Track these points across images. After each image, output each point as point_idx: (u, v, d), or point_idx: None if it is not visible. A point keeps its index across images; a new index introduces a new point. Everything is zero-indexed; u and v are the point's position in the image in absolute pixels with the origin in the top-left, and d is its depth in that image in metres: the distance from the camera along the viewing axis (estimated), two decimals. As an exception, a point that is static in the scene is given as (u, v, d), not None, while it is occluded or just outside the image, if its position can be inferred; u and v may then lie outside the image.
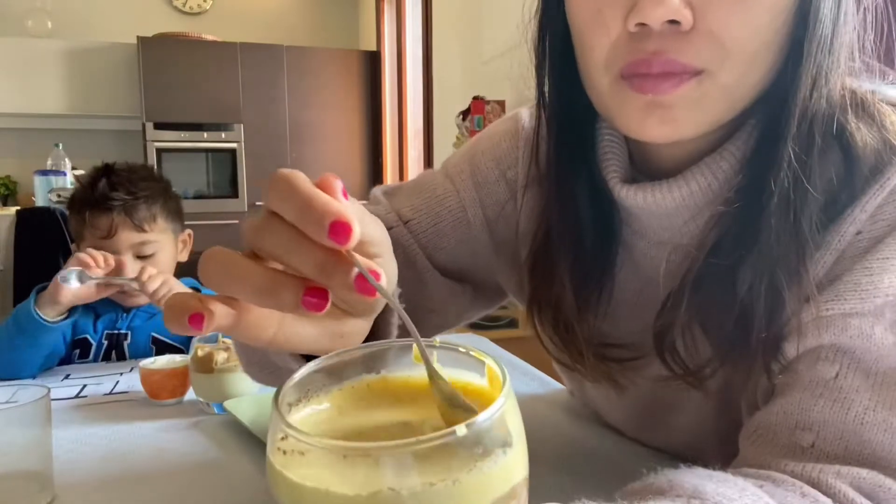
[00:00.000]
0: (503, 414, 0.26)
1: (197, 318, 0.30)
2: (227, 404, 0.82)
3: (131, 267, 1.17)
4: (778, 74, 0.48)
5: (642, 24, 0.44)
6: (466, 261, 0.69)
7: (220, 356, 0.85)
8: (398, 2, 4.68)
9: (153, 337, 1.21)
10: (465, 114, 3.07)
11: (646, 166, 0.57)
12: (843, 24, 0.47)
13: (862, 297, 0.46)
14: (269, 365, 0.50)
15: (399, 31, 4.67)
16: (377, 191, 0.70)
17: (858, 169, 0.48)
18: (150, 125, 4.50)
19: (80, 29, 4.83)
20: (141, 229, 1.20)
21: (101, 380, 1.01)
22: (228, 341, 0.88)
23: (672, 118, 0.47)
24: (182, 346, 1.18)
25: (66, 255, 2.32)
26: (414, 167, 4.52)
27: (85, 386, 0.98)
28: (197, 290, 1.20)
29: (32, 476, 0.61)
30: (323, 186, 0.31)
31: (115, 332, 1.21)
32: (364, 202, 0.66)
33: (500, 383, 0.27)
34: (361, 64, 4.96)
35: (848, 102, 0.49)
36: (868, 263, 0.47)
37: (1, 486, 0.58)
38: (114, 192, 1.19)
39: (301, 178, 0.31)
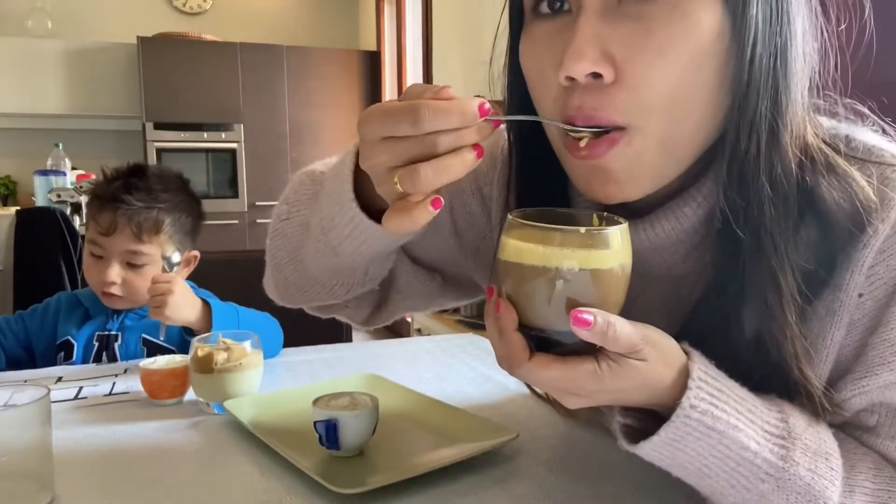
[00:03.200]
0: (619, 231, 0.44)
1: (437, 201, 0.46)
2: (227, 404, 0.82)
3: (116, 272, 1.14)
4: (728, 125, 0.49)
5: (571, 79, 0.46)
6: (434, 256, 0.73)
7: (220, 356, 0.85)
8: (398, 2, 4.68)
9: (143, 339, 1.19)
10: (465, 114, 3.07)
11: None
12: (783, 69, 0.47)
13: (892, 369, 0.50)
14: (328, 245, 0.59)
15: (399, 31, 4.67)
16: None
17: (836, 232, 0.50)
18: (150, 125, 4.49)
19: (80, 29, 4.83)
20: (138, 239, 1.16)
21: (97, 381, 1.00)
22: (228, 341, 0.88)
23: (613, 180, 0.49)
24: (172, 348, 1.17)
25: (66, 255, 2.32)
26: (414, 167, 4.51)
27: (81, 388, 0.97)
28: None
29: (32, 476, 0.61)
30: (447, 95, 0.43)
31: (106, 333, 1.19)
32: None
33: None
34: (361, 64, 4.96)
35: (818, 163, 0.50)
36: (886, 335, 0.50)
37: (1, 487, 0.59)
38: (125, 193, 1.16)
39: (438, 100, 0.43)
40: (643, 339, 0.44)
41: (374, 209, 0.54)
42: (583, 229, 0.43)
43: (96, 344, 1.19)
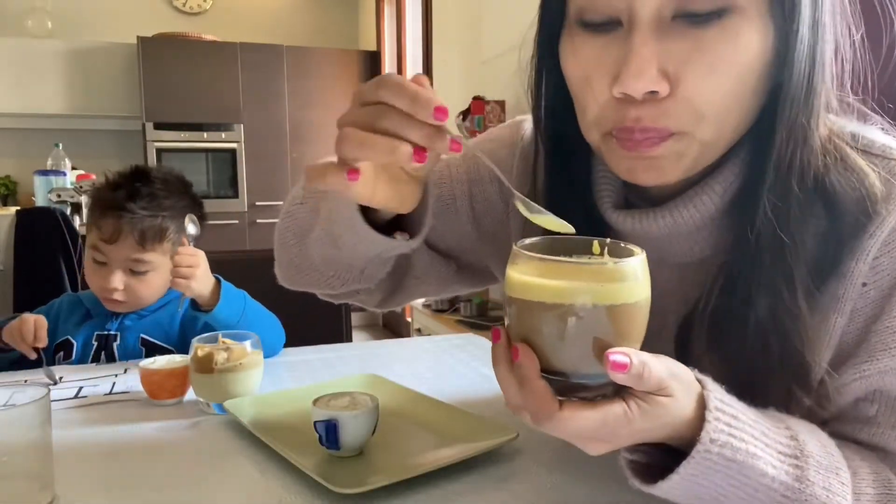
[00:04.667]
0: (641, 262, 0.42)
1: (353, 172, 0.46)
2: (227, 404, 0.82)
3: (119, 279, 1.14)
4: (758, 120, 0.51)
5: (625, 93, 0.48)
6: (451, 242, 0.74)
7: (220, 356, 0.85)
8: (398, 2, 4.68)
9: (142, 338, 1.19)
10: (465, 114, 3.07)
11: (639, 191, 0.60)
12: (819, 77, 0.50)
13: (893, 355, 0.50)
14: (330, 235, 0.62)
15: (399, 31, 4.67)
16: None
17: (844, 221, 0.51)
18: (150, 125, 4.49)
19: (80, 29, 4.83)
20: (142, 247, 1.15)
21: (97, 381, 1.00)
22: (228, 341, 0.88)
23: (658, 166, 0.51)
24: (171, 348, 1.17)
25: (66, 255, 2.32)
26: (414, 167, 4.51)
27: (81, 388, 0.97)
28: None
29: (32, 476, 0.61)
30: (418, 82, 0.44)
31: (105, 332, 1.19)
32: None
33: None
34: (361, 64, 4.96)
35: (830, 156, 0.52)
36: (889, 323, 0.51)
37: (1, 487, 0.58)
38: (130, 201, 1.15)
39: (406, 80, 0.44)
40: (669, 373, 0.42)
41: (374, 216, 0.56)
42: (610, 261, 0.41)
43: (95, 343, 1.18)
